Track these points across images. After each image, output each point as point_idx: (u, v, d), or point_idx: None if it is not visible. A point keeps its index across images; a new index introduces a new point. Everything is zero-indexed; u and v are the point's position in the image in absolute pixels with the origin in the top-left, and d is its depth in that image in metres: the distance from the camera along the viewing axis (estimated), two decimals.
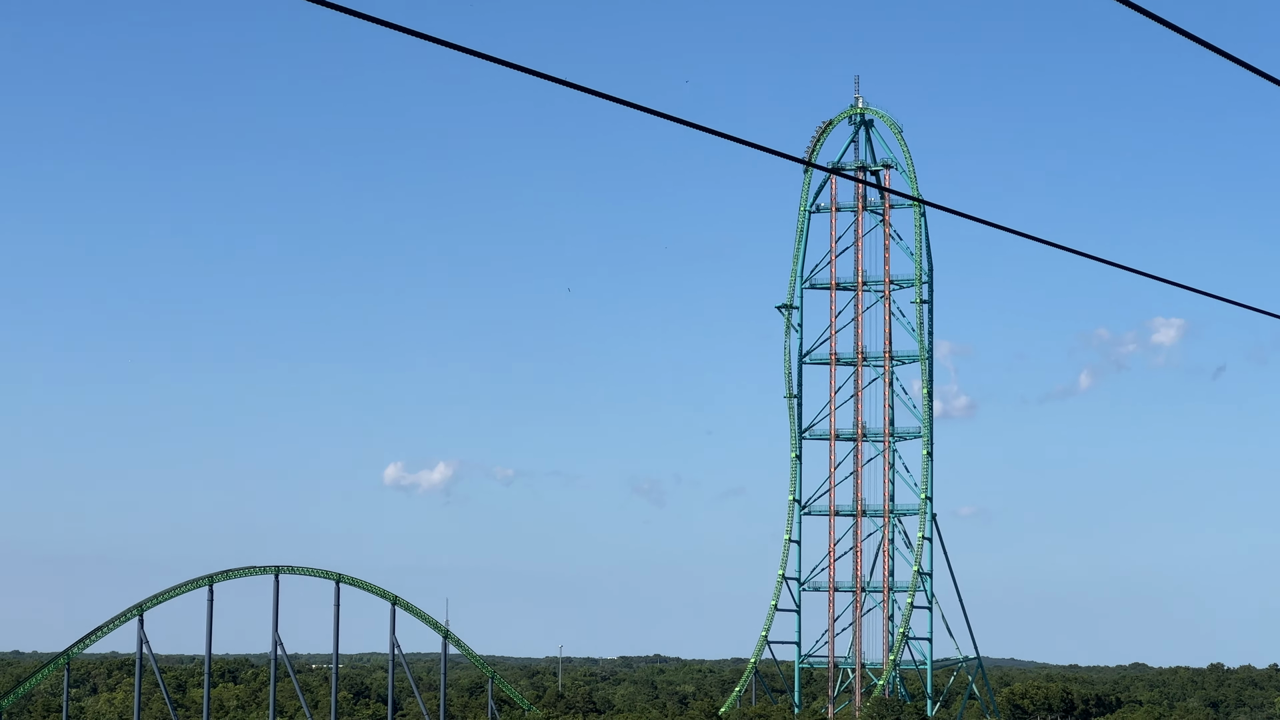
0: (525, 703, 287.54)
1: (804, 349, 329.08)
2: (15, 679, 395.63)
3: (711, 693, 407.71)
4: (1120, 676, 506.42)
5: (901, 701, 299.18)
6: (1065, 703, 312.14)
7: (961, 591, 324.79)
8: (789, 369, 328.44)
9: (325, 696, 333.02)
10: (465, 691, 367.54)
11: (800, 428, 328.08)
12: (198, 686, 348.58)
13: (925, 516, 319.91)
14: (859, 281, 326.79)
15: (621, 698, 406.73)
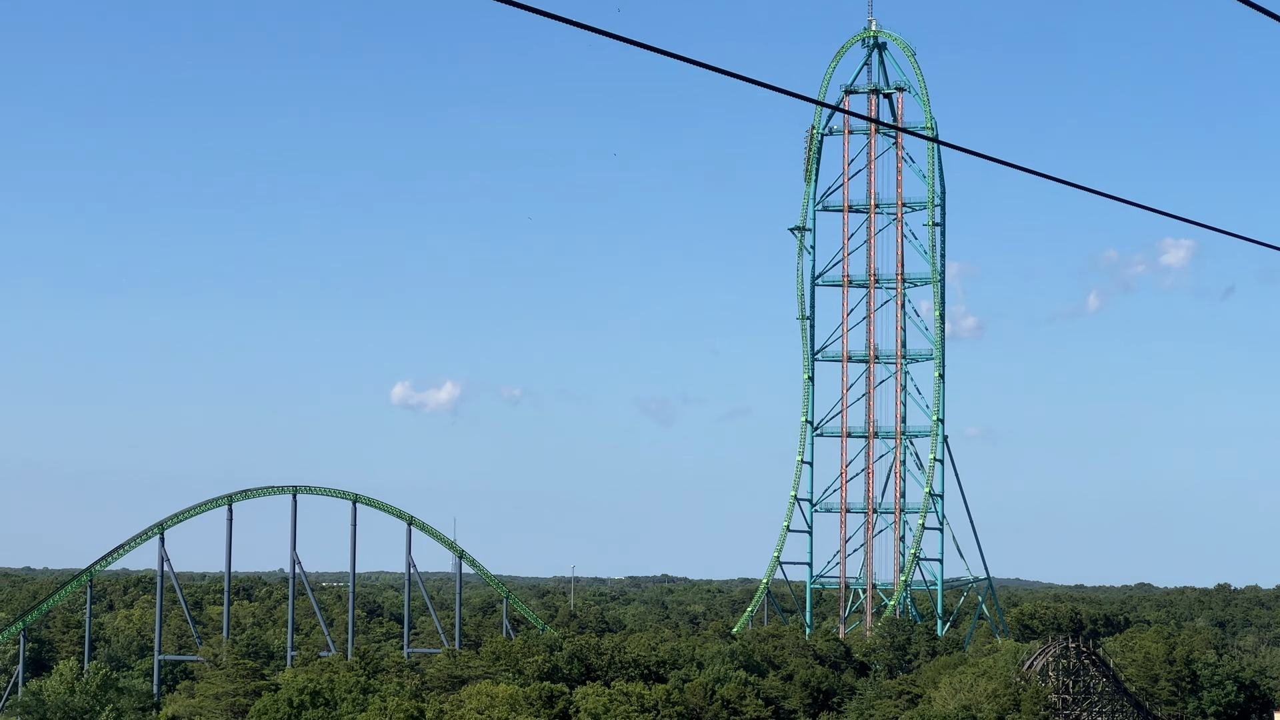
0: (540, 623, 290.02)
1: (816, 271, 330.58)
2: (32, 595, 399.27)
3: (722, 613, 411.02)
4: (1127, 597, 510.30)
5: (912, 622, 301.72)
6: (1074, 623, 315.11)
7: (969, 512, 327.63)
8: (801, 291, 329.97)
9: (339, 615, 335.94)
10: (477, 611, 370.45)
11: (812, 349, 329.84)
12: (213, 604, 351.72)
13: (937, 438, 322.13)
14: (871, 204, 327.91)
15: (632, 617, 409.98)
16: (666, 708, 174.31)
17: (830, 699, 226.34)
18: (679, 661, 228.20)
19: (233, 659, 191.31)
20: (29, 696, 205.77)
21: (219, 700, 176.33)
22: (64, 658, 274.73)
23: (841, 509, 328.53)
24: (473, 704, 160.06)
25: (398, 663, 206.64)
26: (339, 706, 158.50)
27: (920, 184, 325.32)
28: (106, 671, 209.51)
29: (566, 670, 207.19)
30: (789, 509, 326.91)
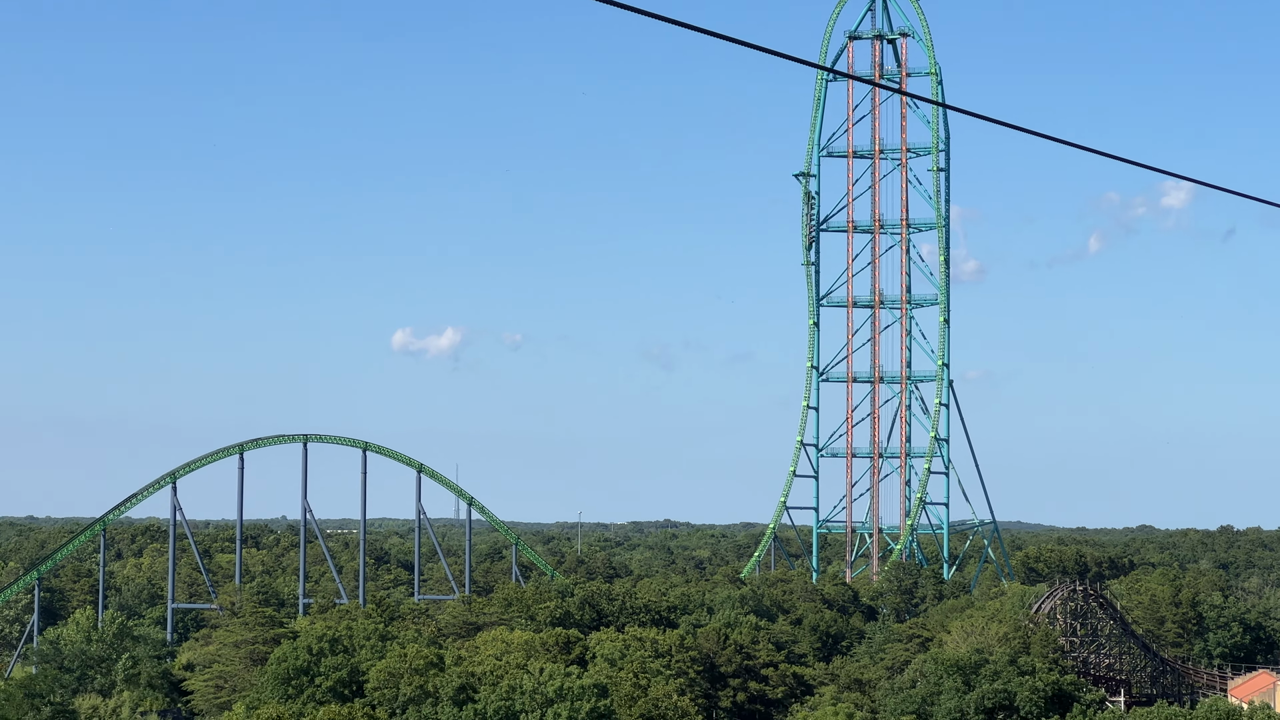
0: (549, 569, 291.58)
1: (821, 217, 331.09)
2: (40, 544, 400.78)
3: (728, 558, 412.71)
4: (1130, 539, 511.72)
5: (918, 566, 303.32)
6: (1079, 565, 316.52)
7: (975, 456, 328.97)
8: (806, 236, 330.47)
9: (347, 562, 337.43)
10: (484, 558, 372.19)
11: (818, 295, 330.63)
12: (221, 552, 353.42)
13: (942, 383, 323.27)
14: (875, 150, 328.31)
15: (638, 563, 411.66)
16: (680, 653, 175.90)
17: (839, 643, 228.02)
18: (689, 607, 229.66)
19: (250, 607, 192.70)
20: (46, 645, 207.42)
21: (238, 648, 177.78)
22: (75, 607, 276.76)
23: (847, 454, 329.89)
24: (489, 650, 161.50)
25: (413, 609, 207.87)
26: (358, 653, 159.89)
27: (924, 129, 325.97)
28: (122, 620, 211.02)
29: (578, 616, 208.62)
30: (795, 454, 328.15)
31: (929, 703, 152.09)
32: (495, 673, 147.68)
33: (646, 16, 28.23)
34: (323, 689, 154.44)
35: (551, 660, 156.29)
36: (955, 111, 29.63)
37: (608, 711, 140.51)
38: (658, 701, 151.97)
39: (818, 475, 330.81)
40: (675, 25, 28.82)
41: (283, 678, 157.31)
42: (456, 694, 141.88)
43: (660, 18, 28.53)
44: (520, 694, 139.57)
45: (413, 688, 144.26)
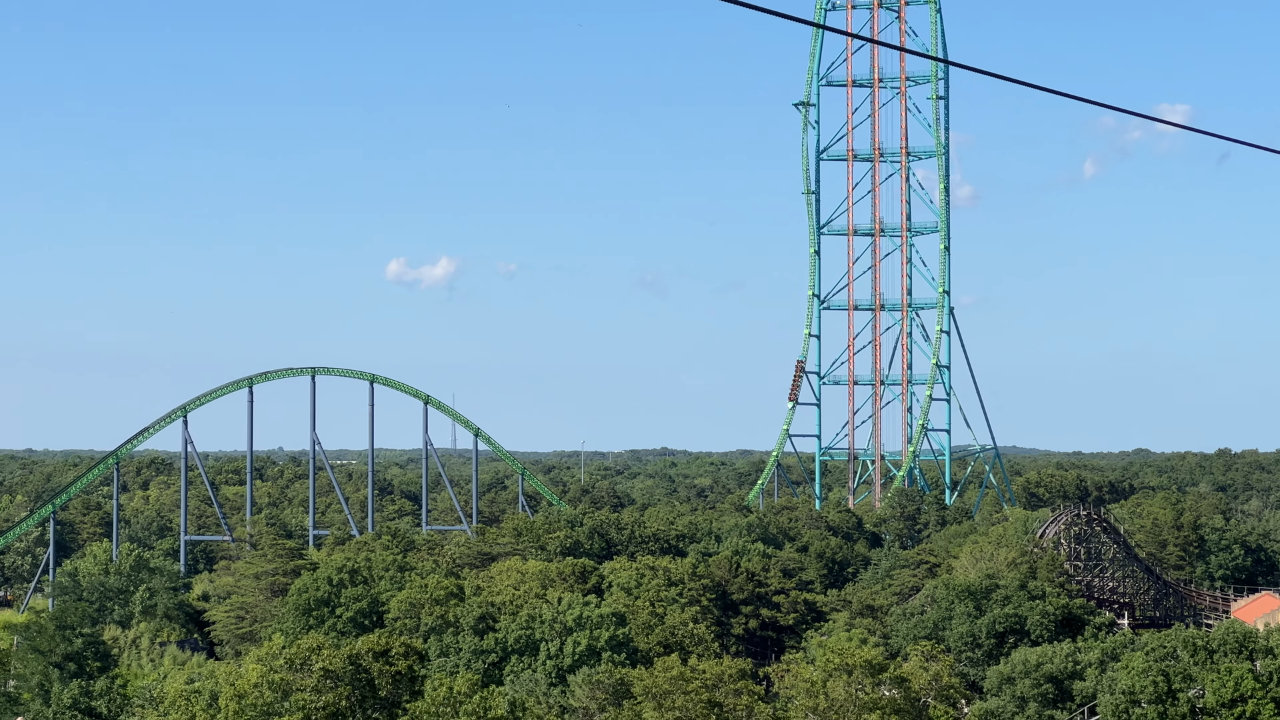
0: (554, 497, 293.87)
1: (821, 146, 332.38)
2: (45, 477, 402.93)
3: (729, 485, 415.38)
4: (1127, 463, 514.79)
5: (921, 492, 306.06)
6: (1080, 490, 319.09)
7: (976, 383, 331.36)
8: (806, 165, 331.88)
9: (351, 493, 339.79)
10: (486, 488, 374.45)
11: (818, 223, 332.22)
12: (226, 484, 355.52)
13: (943, 310, 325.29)
14: (875, 78, 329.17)
15: (639, 491, 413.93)
16: (693, 581, 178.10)
17: (845, 569, 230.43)
18: (697, 535, 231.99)
19: (269, 539, 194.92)
20: (64, 578, 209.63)
21: (258, 580, 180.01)
22: (85, 540, 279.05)
23: (849, 381, 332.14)
24: (505, 580, 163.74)
25: (427, 540, 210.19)
26: (377, 584, 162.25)
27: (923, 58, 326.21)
28: (139, 553, 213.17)
29: (588, 546, 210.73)
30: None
31: (941, 628, 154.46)
32: (514, 602, 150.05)
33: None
34: (343, 620, 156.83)
35: (568, 590, 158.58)
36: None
37: (626, 639, 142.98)
38: (674, 629, 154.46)
39: (819, 403, 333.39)
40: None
41: (303, 609, 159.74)
42: (477, 623, 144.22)
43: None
44: (540, 623, 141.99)
45: (433, 618, 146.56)
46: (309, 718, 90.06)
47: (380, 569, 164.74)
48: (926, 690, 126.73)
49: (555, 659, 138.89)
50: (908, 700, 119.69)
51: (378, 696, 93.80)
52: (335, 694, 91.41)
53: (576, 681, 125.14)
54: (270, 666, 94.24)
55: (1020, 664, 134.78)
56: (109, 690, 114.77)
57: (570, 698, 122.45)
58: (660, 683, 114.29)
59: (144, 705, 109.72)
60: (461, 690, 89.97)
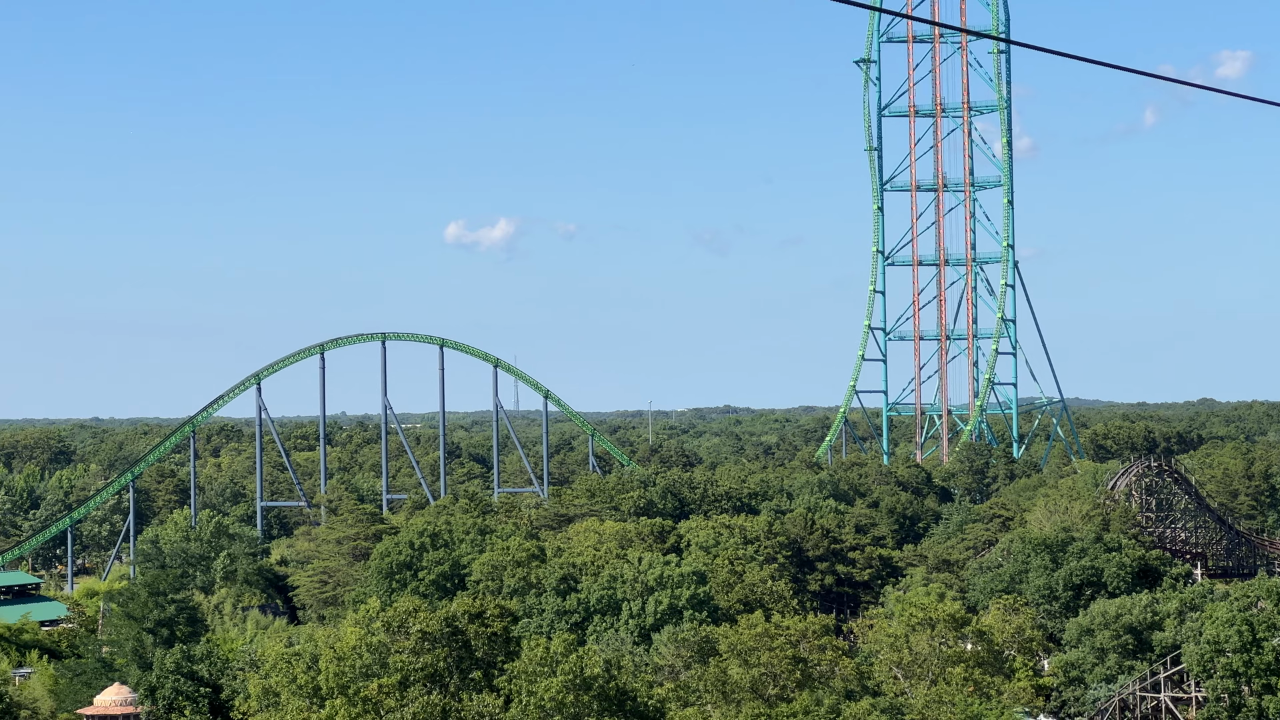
0: (624, 457, 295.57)
1: (883, 102, 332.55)
2: (118, 445, 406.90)
3: (795, 442, 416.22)
4: (1193, 413, 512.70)
5: (988, 446, 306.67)
6: (1148, 441, 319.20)
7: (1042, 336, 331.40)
8: (868, 122, 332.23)
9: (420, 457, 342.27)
10: (554, 449, 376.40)
11: (881, 180, 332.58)
12: (295, 449, 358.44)
13: (1007, 264, 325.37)
14: (935, 33, 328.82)
15: (706, 450, 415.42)
16: (769, 539, 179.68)
17: (915, 524, 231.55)
18: (769, 493, 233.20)
19: (349, 504, 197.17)
20: (147, 545, 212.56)
21: (340, 545, 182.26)
22: (160, 507, 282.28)
23: (915, 336, 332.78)
24: (585, 541, 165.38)
25: (504, 503, 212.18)
26: (458, 547, 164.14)
27: (984, 10, 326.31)
28: (219, 519, 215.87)
29: (661, 505, 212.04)
30: (863, 338, 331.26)
31: (1018, 581, 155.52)
32: (595, 563, 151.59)
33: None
34: (425, 583, 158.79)
35: (647, 549, 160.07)
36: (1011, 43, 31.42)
37: (707, 598, 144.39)
38: (754, 587, 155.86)
39: (885, 359, 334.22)
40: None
41: (386, 572, 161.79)
42: (559, 584, 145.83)
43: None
44: (621, 583, 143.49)
45: (516, 579, 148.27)
46: (407, 679, 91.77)
47: (460, 532, 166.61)
48: (1009, 643, 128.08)
49: (637, 618, 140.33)
50: (990, 653, 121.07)
51: (474, 657, 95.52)
52: (432, 655, 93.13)
53: (661, 640, 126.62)
54: (368, 629, 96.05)
55: (1099, 616, 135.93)
56: (209, 654, 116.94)
57: (655, 656, 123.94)
58: (745, 639, 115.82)
59: (243, 668, 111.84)
60: (558, 650, 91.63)
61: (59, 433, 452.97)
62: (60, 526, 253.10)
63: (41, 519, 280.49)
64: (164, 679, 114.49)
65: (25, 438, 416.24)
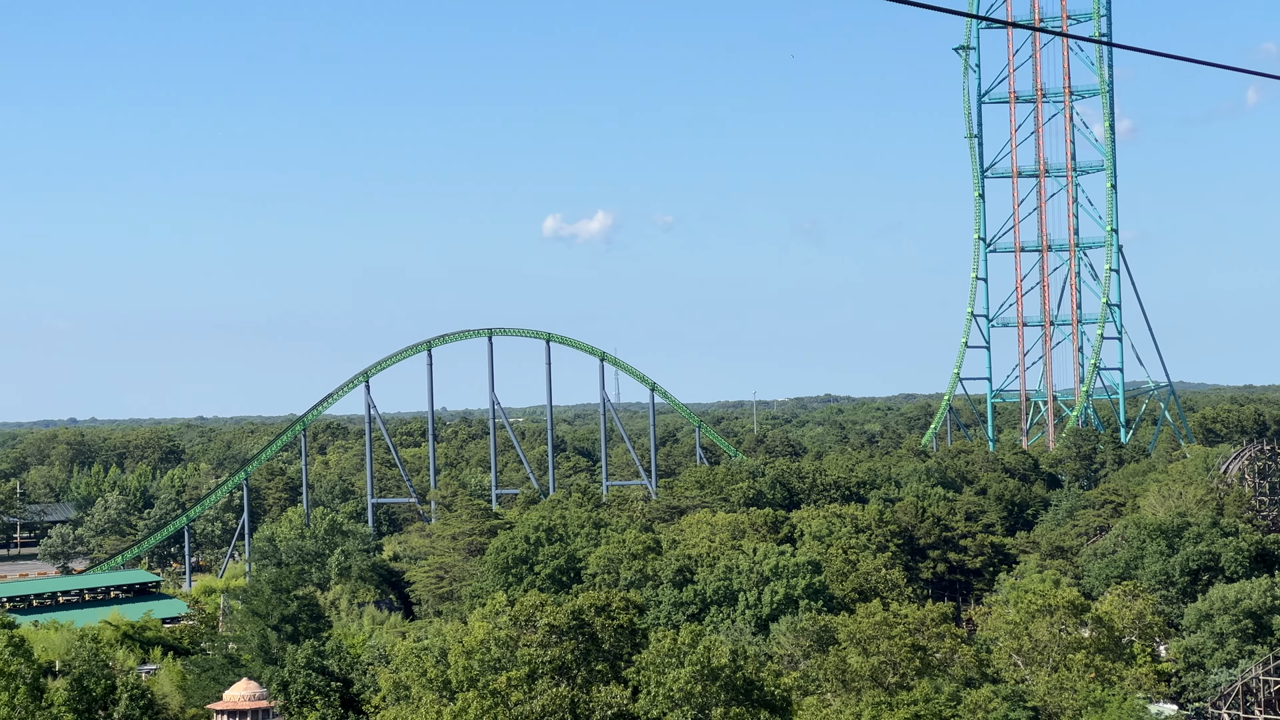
0: (731, 448, 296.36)
1: (982, 89, 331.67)
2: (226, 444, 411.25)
3: (899, 430, 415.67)
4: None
5: (1095, 431, 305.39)
6: (1258, 424, 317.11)
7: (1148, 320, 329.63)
8: (968, 109, 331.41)
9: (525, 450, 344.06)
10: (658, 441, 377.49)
11: (982, 167, 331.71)
12: (401, 446, 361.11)
13: (1111, 248, 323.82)
14: (1035, 19, 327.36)
15: (810, 439, 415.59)
16: (879, 527, 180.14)
17: (1024, 511, 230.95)
18: (876, 481, 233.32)
19: (464, 500, 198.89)
20: (263, 542, 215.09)
21: (455, 540, 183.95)
22: (270, 505, 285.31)
23: (1018, 323, 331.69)
24: (699, 533, 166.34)
25: (617, 496, 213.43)
26: (573, 541, 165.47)
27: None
28: (333, 517, 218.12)
29: (770, 495, 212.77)
30: (966, 325, 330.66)
31: (1133, 567, 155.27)
32: (711, 554, 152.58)
33: None
34: (541, 576, 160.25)
35: (760, 540, 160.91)
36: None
37: (822, 587, 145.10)
38: (868, 575, 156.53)
39: (989, 345, 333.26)
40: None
41: (502, 567, 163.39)
42: (675, 576, 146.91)
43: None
44: (737, 573, 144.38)
45: (632, 572, 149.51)
46: (535, 671, 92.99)
47: (575, 526, 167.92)
48: (1129, 629, 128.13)
49: (754, 608, 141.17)
50: (1110, 639, 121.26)
51: (600, 650, 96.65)
52: (560, 648, 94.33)
53: (780, 629, 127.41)
54: (495, 624, 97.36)
55: (1218, 601, 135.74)
56: (339, 649, 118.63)
57: (774, 645, 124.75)
58: (864, 628, 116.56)
59: (372, 663, 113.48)
60: (685, 641, 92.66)
61: (168, 432, 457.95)
62: (177, 525, 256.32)
63: (156, 518, 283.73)
64: (296, 674, 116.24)
65: (136, 438, 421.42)
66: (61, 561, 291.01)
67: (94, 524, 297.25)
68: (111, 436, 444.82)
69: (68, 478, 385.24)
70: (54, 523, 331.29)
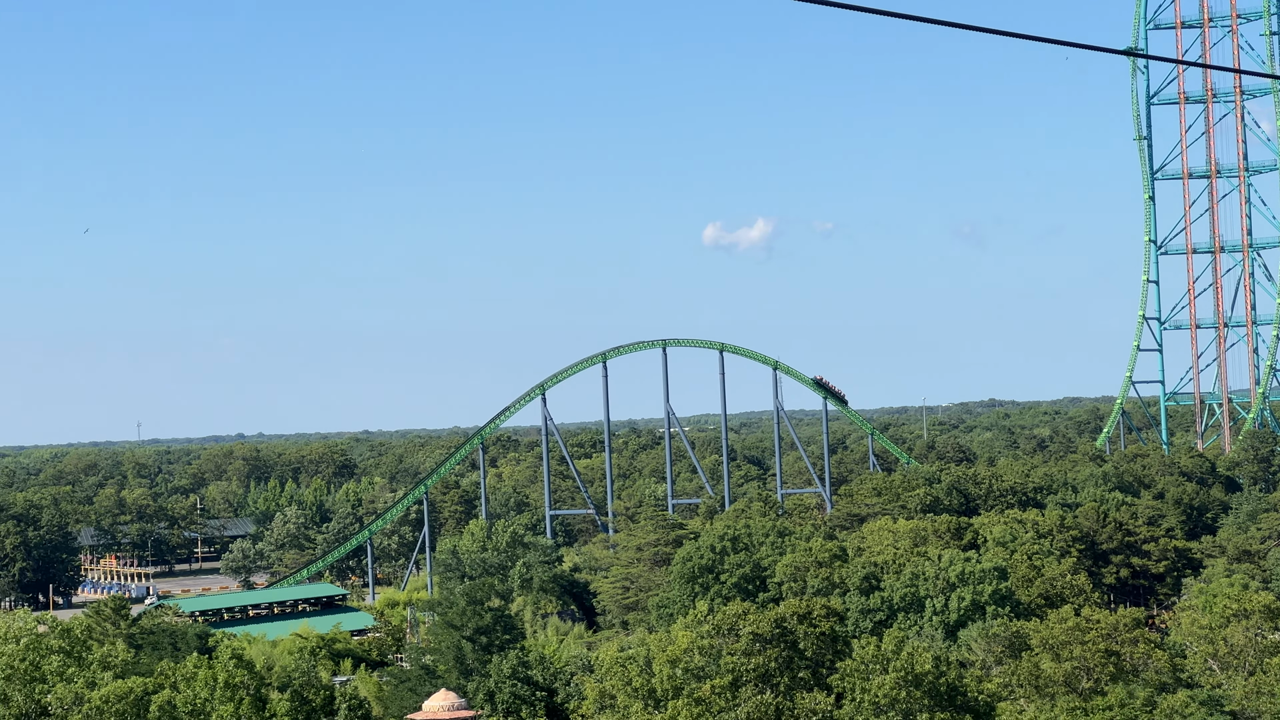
0: (903, 455, 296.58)
1: (1151, 90, 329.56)
2: (398, 458, 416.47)
3: (1068, 434, 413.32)
4: None
5: (1273, 433, 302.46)
6: None
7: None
8: (1137, 111, 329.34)
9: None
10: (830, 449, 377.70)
11: (1152, 169, 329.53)
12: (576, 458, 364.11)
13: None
14: (1205, 19, 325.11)
15: (979, 444, 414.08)
16: (1061, 532, 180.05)
17: (1203, 515, 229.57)
18: (1053, 486, 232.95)
19: (649, 511, 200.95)
20: (446, 555, 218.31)
21: (640, 551, 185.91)
22: (445, 518, 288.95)
23: (1191, 325, 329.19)
24: (882, 540, 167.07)
25: (799, 504, 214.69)
26: (758, 550, 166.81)
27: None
28: (515, 529, 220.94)
29: (946, 502, 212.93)
30: (1138, 328, 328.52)
31: None
32: (896, 561, 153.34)
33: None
34: (727, 585, 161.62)
35: (944, 546, 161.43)
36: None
37: (1009, 593, 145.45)
38: (1053, 581, 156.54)
39: (1161, 348, 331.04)
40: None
41: (688, 576, 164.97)
42: (862, 583, 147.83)
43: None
44: (924, 580, 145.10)
45: (819, 580, 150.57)
46: (739, 679, 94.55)
47: (760, 535, 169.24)
48: None
49: (941, 615, 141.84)
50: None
51: (803, 657, 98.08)
52: (764, 656, 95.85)
53: (970, 635, 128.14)
54: (698, 632, 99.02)
55: None
56: (542, 659, 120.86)
57: (964, 651, 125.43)
58: (1056, 634, 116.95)
59: (575, 672, 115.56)
60: (888, 648, 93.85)
61: (340, 447, 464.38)
62: (360, 539, 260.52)
63: (334, 532, 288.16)
64: (502, 683, 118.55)
65: (310, 453, 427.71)
66: (243, 575, 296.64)
67: (273, 538, 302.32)
68: (286, 452, 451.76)
69: (245, 493, 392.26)
70: (233, 537, 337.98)
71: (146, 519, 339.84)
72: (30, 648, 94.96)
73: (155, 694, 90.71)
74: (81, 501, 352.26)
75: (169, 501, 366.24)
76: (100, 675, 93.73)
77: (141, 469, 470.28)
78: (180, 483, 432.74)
